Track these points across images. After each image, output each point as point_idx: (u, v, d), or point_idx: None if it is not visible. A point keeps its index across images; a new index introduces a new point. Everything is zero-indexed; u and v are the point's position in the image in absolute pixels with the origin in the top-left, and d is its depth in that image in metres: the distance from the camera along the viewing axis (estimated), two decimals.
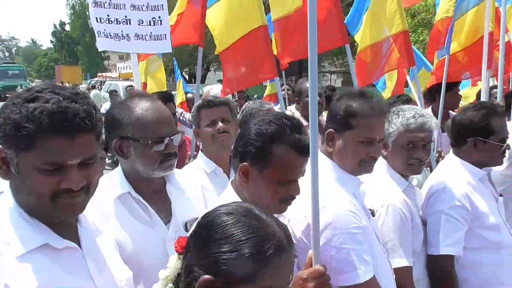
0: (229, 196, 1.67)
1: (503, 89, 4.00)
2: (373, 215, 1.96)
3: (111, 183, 1.74)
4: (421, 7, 11.27)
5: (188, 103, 5.66)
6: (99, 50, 2.92)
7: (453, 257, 2.17)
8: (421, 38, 10.89)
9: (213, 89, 5.18)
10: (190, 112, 4.12)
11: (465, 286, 2.26)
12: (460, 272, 2.25)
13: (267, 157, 1.55)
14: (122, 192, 1.71)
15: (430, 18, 10.36)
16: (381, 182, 2.14)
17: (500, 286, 2.26)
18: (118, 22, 2.81)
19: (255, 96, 19.97)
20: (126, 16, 2.83)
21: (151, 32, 2.91)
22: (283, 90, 6.74)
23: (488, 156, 2.31)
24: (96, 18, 2.75)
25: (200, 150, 2.69)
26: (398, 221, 2.07)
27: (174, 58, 8.50)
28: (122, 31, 2.82)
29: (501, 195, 2.45)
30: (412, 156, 2.16)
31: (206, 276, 1.01)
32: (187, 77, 33.00)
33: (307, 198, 1.63)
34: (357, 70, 4.12)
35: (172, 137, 1.73)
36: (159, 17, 2.94)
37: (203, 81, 31.10)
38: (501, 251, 2.24)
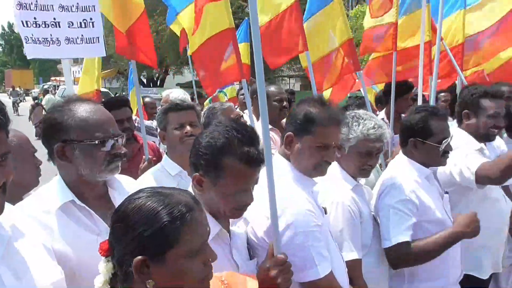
0: None
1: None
2: (326, 213, 2.06)
3: (51, 193, 1.69)
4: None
5: (146, 107, 5.61)
6: (28, 57, 2.72)
7: (407, 243, 2.26)
8: None
9: (173, 93, 5.14)
10: (148, 116, 4.09)
11: (411, 279, 2.39)
12: None
13: (217, 169, 1.59)
14: (65, 201, 1.65)
15: None
16: (332, 181, 2.23)
17: (444, 278, 2.39)
18: (47, 25, 2.62)
19: (224, 101, 19.97)
20: (55, 19, 2.64)
21: (82, 35, 2.75)
22: (242, 94, 6.82)
23: (427, 156, 2.44)
24: (22, 22, 2.55)
25: (165, 153, 2.71)
26: (347, 217, 2.17)
27: (130, 62, 8.31)
28: (51, 35, 2.63)
29: (446, 192, 2.60)
30: (367, 163, 2.30)
31: (139, 257, 1.13)
32: (144, 81, 32.51)
33: (267, 199, 1.71)
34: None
35: (117, 138, 1.70)
36: (91, 19, 2.78)
37: (161, 84, 30.76)
38: None
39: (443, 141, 2.39)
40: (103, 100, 3.77)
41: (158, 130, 2.72)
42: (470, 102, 2.88)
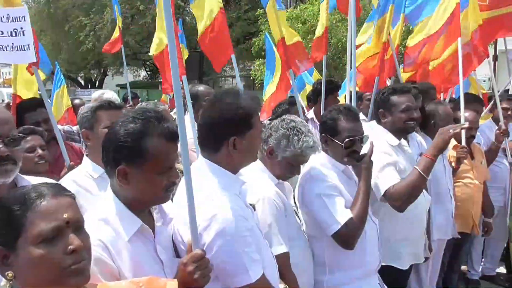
0: (108, 198, 1.68)
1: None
2: (254, 210, 2.08)
3: None
4: (309, 16, 12.02)
5: (75, 109, 5.39)
6: None
7: (351, 218, 2.36)
8: (310, 45, 11.58)
9: (106, 94, 4.98)
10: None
11: (331, 269, 2.48)
12: (327, 255, 2.48)
13: (141, 153, 1.59)
14: None
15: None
16: (256, 178, 2.28)
17: (363, 267, 2.50)
18: None
19: (156, 100, 19.57)
20: None
21: (13, 43, 2.93)
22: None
23: (335, 153, 2.56)
24: None
25: (85, 155, 2.61)
26: (274, 211, 2.23)
27: (56, 62, 7.99)
28: None
29: None
30: (295, 172, 2.42)
31: None
32: (82, 82, 31.30)
33: (197, 205, 1.70)
34: None
35: (5, 140, 1.65)
36: (21, 28, 2.96)
37: (100, 85, 29.76)
38: (365, 237, 2.47)
39: (346, 140, 2.48)
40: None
41: (81, 129, 2.60)
42: (382, 101, 3.02)
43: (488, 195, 4.22)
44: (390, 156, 2.88)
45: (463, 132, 3.78)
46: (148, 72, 29.54)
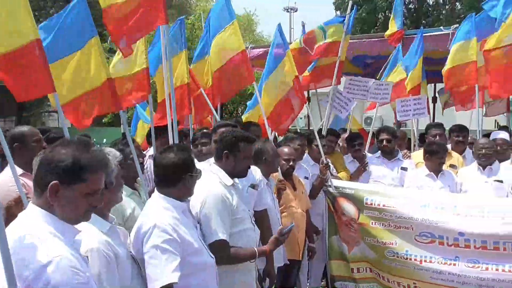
0: None
1: None
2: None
3: None
4: None
5: None
6: None
7: (176, 283, 2.38)
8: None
9: None
10: None
11: None
12: None
13: None
14: None
15: None
16: (83, 228, 2.10)
17: None
18: None
19: None
20: None
21: None
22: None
23: (181, 192, 2.66)
24: None
25: None
26: (103, 262, 2.13)
27: None
28: None
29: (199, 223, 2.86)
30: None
31: None
32: None
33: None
34: None
35: None
36: None
37: None
38: (205, 271, 2.58)
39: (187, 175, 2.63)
40: None
41: None
42: (230, 144, 3.16)
43: (311, 222, 4.73)
44: (225, 202, 3.00)
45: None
46: None
